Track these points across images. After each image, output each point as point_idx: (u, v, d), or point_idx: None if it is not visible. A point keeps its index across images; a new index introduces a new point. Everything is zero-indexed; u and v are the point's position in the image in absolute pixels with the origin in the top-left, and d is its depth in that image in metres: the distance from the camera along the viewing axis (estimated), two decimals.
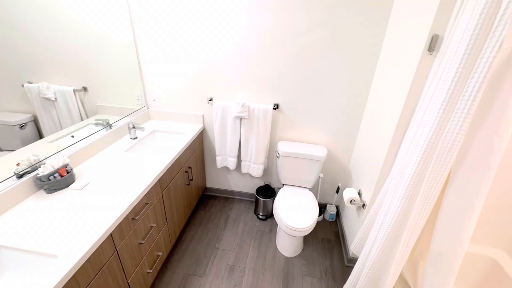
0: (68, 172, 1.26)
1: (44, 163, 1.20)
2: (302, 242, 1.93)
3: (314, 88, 1.81)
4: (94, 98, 1.59)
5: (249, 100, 1.91)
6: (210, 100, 1.98)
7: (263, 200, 2.15)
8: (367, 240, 1.29)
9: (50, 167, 1.20)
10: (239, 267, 1.78)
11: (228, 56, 1.80)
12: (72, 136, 1.45)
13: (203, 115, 2.08)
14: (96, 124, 1.62)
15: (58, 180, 1.20)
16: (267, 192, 2.20)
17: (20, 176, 1.16)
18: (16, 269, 0.94)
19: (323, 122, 1.93)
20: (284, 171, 2.00)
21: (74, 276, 0.88)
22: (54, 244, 0.93)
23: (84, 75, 1.51)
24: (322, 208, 2.30)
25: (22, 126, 1.20)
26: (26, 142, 1.21)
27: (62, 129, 1.39)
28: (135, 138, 1.80)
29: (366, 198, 1.61)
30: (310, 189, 2.03)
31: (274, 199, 1.95)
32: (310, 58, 1.71)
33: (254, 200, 2.32)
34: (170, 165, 1.54)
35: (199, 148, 2.14)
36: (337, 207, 2.29)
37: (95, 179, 1.32)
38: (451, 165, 0.91)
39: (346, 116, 1.87)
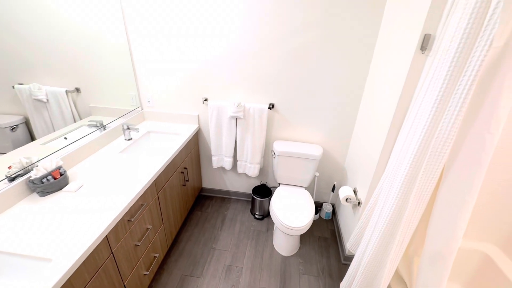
0: (61, 175, 1.24)
1: (37, 166, 1.18)
2: (298, 241, 1.94)
3: (309, 88, 1.82)
4: (87, 99, 1.57)
5: (244, 100, 1.91)
6: (205, 100, 1.97)
7: (260, 200, 2.16)
8: (363, 238, 1.30)
9: (43, 169, 1.18)
10: (236, 267, 1.77)
11: (223, 55, 1.80)
12: (65, 138, 1.43)
13: (198, 116, 2.07)
14: (90, 125, 1.60)
15: (52, 183, 1.18)
16: (264, 191, 2.21)
17: (12, 179, 1.13)
18: (10, 273, 0.92)
19: (318, 121, 1.94)
20: (280, 171, 2.01)
21: (69, 280, 0.87)
22: (48, 248, 0.91)
23: (76, 76, 1.49)
24: (318, 206, 2.32)
25: (13, 128, 1.18)
26: (17, 145, 1.19)
27: (54, 131, 1.37)
28: (130, 139, 1.78)
29: (361, 196, 1.63)
30: (306, 188, 2.04)
31: (270, 199, 1.95)
32: (305, 57, 1.72)
33: (251, 200, 2.32)
34: (165, 166, 1.53)
35: (195, 149, 2.13)
36: (333, 206, 2.30)
37: (89, 181, 1.30)
38: (444, 162, 0.93)
39: (341, 115, 1.89)
